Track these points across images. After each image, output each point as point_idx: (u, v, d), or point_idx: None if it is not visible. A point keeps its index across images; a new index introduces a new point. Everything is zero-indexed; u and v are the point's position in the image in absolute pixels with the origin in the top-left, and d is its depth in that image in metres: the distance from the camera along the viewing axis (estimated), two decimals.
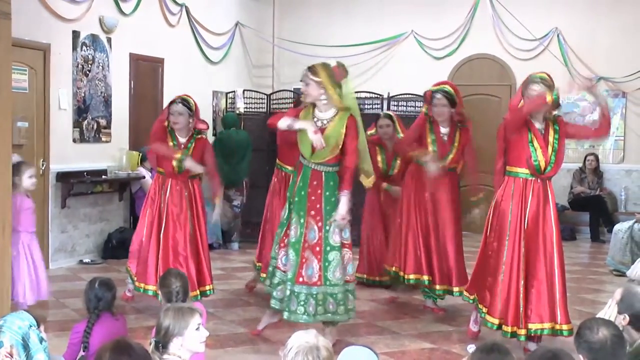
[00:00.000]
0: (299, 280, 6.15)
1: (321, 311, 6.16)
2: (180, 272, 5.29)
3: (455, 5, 13.52)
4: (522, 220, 6.10)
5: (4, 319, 4.15)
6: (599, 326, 3.59)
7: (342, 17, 14.08)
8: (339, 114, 6.22)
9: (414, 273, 7.43)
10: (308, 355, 3.31)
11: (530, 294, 6.06)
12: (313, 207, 6.20)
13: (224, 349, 6.22)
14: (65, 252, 9.65)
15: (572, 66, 12.97)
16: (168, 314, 4.01)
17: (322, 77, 6.14)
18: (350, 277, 6.36)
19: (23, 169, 6.54)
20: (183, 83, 11.81)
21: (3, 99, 5.87)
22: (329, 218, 6.17)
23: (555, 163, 6.15)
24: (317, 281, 6.14)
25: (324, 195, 6.21)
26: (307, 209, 6.20)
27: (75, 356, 4.88)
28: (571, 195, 12.97)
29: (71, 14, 9.63)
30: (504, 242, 6.11)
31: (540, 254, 6.07)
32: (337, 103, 6.19)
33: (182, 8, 11.89)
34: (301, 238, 6.18)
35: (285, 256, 6.26)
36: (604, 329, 3.58)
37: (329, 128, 6.19)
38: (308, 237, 6.18)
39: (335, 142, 6.16)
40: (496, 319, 6.09)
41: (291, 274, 6.17)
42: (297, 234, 6.20)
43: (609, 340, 3.54)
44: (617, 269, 9.66)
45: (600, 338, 3.54)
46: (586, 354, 3.57)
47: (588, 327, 3.62)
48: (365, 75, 13.64)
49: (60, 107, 9.56)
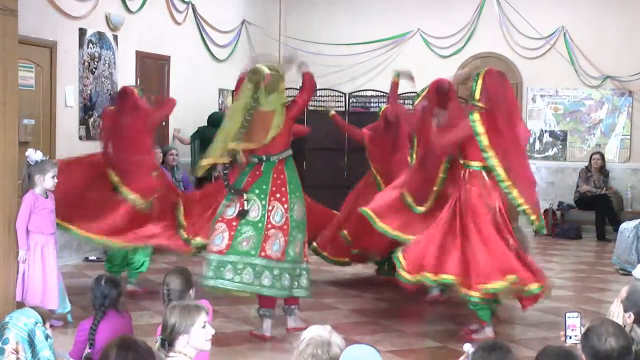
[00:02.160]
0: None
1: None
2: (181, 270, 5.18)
3: (462, 4, 13.51)
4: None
5: (10, 315, 4.17)
6: (607, 335, 3.50)
7: (349, 15, 14.07)
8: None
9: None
10: (318, 348, 3.34)
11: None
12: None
13: (229, 346, 6.22)
14: (71, 250, 9.65)
15: (579, 65, 12.94)
16: (174, 312, 4.01)
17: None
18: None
19: (47, 167, 6.42)
20: (189, 81, 11.85)
21: (9, 96, 5.89)
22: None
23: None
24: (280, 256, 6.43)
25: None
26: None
27: (81, 354, 4.89)
28: (577, 194, 12.95)
29: (77, 11, 9.64)
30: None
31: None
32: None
33: (189, 6, 11.90)
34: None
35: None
36: (613, 339, 3.49)
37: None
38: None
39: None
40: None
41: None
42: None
43: (616, 352, 3.47)
44: (623, 268, 9.64)
45: (606, 349, 3.47)
46: (590, 358, 3.54)
47: (597, 334, 3.52)
48: (371, 73, 13.65)
49: (66, 105, 9.57)
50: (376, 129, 8.78)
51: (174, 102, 8.67)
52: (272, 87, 6.45)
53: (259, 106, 6.40)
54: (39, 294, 6.33)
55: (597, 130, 13.32)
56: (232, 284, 6.35)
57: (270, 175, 6.50)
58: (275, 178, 6.50)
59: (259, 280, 6.35)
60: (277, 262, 6.39)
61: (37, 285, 6.36)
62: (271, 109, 6.46)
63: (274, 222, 6.41)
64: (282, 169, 6.56)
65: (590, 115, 13.29)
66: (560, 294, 8.07)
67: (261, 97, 6.39)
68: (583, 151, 13.29)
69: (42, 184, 6.38)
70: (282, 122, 6.50)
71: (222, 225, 6.45)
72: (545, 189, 13.28)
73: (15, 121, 6.02)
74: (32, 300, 6.13)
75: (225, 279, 6.33)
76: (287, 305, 6.72)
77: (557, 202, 13.29)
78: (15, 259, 6.19)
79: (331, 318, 7.16)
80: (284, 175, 6.53)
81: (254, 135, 6.43)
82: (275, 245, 6.39)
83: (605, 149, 13.19)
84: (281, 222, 6.44)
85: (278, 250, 6.39)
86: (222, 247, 6.37)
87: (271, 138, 6.46)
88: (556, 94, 13.20)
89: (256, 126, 6.42)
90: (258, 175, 6.51)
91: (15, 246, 6.17)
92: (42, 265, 6.40)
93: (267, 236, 6.37)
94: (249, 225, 6.38)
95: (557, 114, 13.37)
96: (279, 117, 6.48)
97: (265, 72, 6.41)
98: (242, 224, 6.40)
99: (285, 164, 6.60)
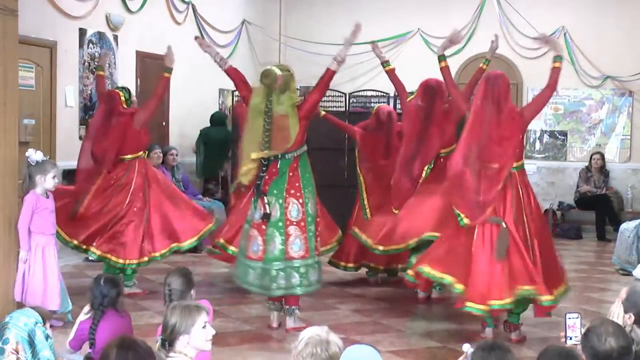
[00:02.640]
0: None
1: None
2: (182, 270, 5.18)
3: (462, 4, 13.50)
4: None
5: (10, 315, 4.16)
6: (607, 335, 3.51)
7: (349, 15, 14.01)
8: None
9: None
10: (317, 347, 3.35)
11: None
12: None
13: (229, 346, 6.23)
14: (71, 250, 9.63)
15: (579, 65, 12.95)
16: (175, 312, 4.01)
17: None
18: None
19: (49, 168, 6.41)
20: (189, 81, 11.84)
21: (10, 96, 5.90)
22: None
23: None
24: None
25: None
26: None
27: (80, 344, 4.93)
28: (577, 194, 12.95)
29: (78, 11, 9.64)
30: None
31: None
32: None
33: (189, 6, 11.90)
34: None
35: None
36: (613, 339, 3.49)
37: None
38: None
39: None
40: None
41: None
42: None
43: (615, 352, 3.47)
44: (623, 268, 9.63)
45: (606, 349, 3.48)
46: (590, 358, 3.53)
47: (597, 334, 3.53)
48: (371, 73, 13.62)
49: (66, 105, 9.57)
50: (368, 126, 8.75)
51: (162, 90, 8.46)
52: (284, 87, 6.58)
53: (274, 110, 6.50)
54: (39, 295, 6.32)
55: (598, 130, 13.32)
56: (272, 291, 6.64)
57: (287, 174, 6.64)
58: (291, 176, 6.67)
59: (290, 281, 6.60)
60: (302, 260, 6.60)
61: (38, 286, 6.35)
62: (284, 112, 6.55)
63: (292, 218, 6.60)
64: (297, 166, 6.70)
65: (591, 115, 13.29)
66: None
67: (275, 100, 6.50)
68: (583, 151, 13.29)
69: (43, 185, 6.38)
70: (297, 123, 6.59)
71: (255, 232, 6.65)
72: (545, 189, 13.29)
73: (15, 121, 6.03)
74: (33, 301, 6.12)
75: (264, 286, 6.62)
76: (287, 306, 6.73)
77: (557, 202, 13.29)
78: (16, 259, 6.19)
79: (331, 318, 7.18)
80: (297, 172, 6.69)
81: (274, 142, 6.55)
82: (296, 245, 6.59)
83: (605, 149, 13.19)
84: (298, 217, 6.62)
85: (301, 249, 6.61)
86: (259, 254, 6.61)
87: (295, 138, 6.59)
88: (556, 94, 13.16)
89: (276, 133, 6.54)
90: (275, 173, 6.64)
91: (15, 246, 6.16)
92: (43, 266, 6.39)
93: (288, 235, 6.57)
94: (272, 227, 6.59)
95: (557, 114, 13.37)
96: (293, 119, 6.58)
97: (277, 74, 6.52)
98: (267, 226, 6.60)
99: (300, 161, 6.73)
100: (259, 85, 6.65)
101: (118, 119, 7.86)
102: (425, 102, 7.61)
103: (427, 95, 7.61)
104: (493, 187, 6.17)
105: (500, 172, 6.19)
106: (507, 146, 6.21)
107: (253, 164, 6.64)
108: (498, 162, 6.21)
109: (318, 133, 10.92)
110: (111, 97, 7.95)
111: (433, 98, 7.60)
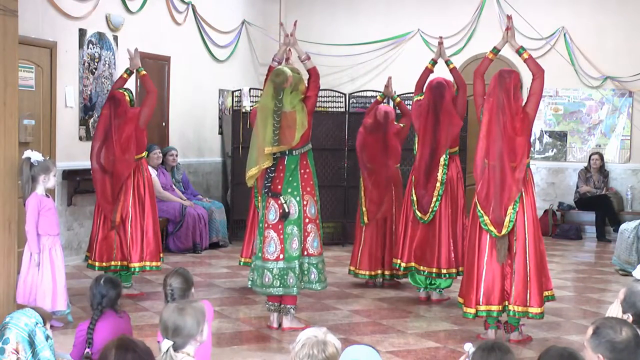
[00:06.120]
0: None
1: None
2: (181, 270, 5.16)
3: (462, 4, 13.51)
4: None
5: (11, 316, 4.17)
6: (620, 326, 3.53)
7: (349, 16, 14.08)
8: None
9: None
10: (314, 348, 3.35)
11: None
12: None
13: (229, 347, 6.23)
14: (71, 250, 9.65)
15: (579, 65, 12.94)
16: (187, 313, 3.81)
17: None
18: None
19: (50, 166, 6.45)
20: (189, 81, 11.85)
21: (9, 96, 5.90)
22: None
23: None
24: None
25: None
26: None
27: (81, 354, 4.90)
28: (577, 194, 12.96)
29: (78, 11, 9.65)
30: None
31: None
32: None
33: (189, 6, 11.90)
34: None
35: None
36: (627, 328, 3.53)
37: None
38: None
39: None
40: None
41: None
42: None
43: (633, 340, 3.48)
44: (623, 269, 9.64)
45: (624, 338, 3.48)
46: (608, 353, 3.49)
47: (610, 327, 3.53)
48: (371, 73, 13.66)
49: (66, 105, 9.57)
50: (367, 126, 8.69)
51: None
52: (294, 87, 6.67)
53: (283, 108, 6.58)
54: (49, 296, 6.37)
55: (597, 131, 13.33)
56: (290, 289, 6.67)
57: (298, 171, 6.73)
58: (303, 173, 6.77)
59: (309, 278, 6.78)
60: (319, 256, 6.80)
61: (48, 287, 6.39)
62: (292, 109, 6.63)
63: (310, 215, 6.76)
64: (307, 164, 6.82)
65: (591, 116, 13.30)
66: (561, 295, 8.07)
67: (285, 99, 6.59)
68: (583, 151, 13.29)
69: (47, 184, 6.43)
70: (305, 119, 6.67)
71: (271, 232, 6.69)
72: (545, 190, 13.30)
73: (15, 122, 6.03)
74: (42, 303, 6.18)
75: (283, 285, 6.65)
76: (283, 305, 6.74)
77: (557, 202, 13.30)
78: (16, 259, 6.19)
79: (331, 318, 7.18)
80: (309, 169, 6.82)
81: (282, 138, 6.62)
82: (315, 242, 6.77)
83: (605, 149, 13.19)
84: (315, 214, 6.79)
85: (318, 245, 6.80)
86: (277, 254, 6.67)
87: (299, 137, 6.65)
88: (556, 95, 13.20)
89: (284, 129, 6.61)
90: (282, 170, 6.70)
91: (15, 246, 6.16)
92: (51, 267, 6.43)
93: (306, 232, 6.71)
94: (291, 224, 6.68)
95: (557, 115, 13.37)
96: (301, 115, 6.65)
97: (288, 74, 6.62)
98: (285, 224, 6.67)
99: (308, 158, 6.84)
100: (268, 85, 6.75)
101: (125, 119, 7.82)
102: (434, 98, 7.71)
103: (437, 90, 7.71)
104: (514, 185, 6.24)
105: (519, 171, 6.26)
106: (521, 143, 6.28)
107: (259, 168, 6.67)
108: (514, 160, 6.26)
109: (318, 133, 10.94)
110: (117, 98, 7.91)
111: (442, 93, 7.70)
